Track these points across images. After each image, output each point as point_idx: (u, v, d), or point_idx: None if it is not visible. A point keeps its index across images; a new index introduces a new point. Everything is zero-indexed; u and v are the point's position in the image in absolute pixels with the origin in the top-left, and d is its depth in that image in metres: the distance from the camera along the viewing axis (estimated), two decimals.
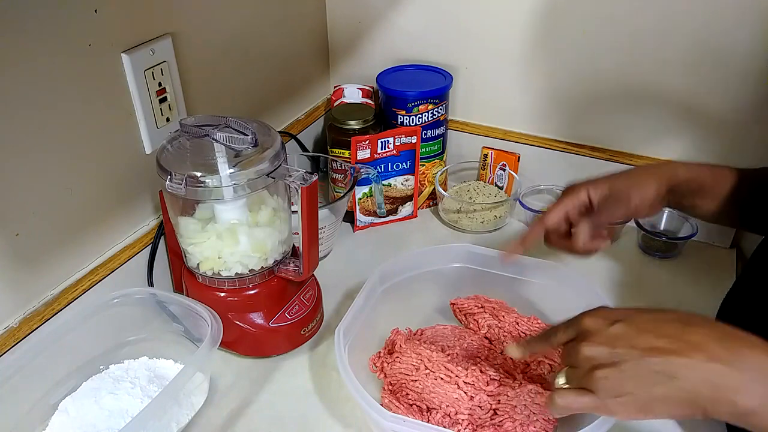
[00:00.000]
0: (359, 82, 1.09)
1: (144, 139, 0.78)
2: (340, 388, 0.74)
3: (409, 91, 0.98)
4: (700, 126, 0.91)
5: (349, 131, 0.98)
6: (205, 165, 0.67)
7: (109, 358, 0.75)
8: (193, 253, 0.74)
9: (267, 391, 0.75)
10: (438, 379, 0.68)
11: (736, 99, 0.87)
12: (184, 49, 0.81)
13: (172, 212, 0.75)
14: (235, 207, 0.71)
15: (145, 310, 0.76)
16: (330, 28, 1.12)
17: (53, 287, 0.72)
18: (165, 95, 0.78)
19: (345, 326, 0.68)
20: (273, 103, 1.03)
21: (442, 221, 1.04)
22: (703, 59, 0.87)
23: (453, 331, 0.78)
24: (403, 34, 1.05)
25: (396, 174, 1.01)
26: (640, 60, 0.90)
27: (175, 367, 0.75)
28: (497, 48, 0.99)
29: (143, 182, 0.80)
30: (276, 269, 0.76)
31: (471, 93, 1.05)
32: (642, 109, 0.94)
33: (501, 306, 0.78)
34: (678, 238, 0.94)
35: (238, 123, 0.68)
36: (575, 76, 0.96)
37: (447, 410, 0.66)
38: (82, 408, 0.68)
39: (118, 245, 0.79)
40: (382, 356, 0.74)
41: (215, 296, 0.75)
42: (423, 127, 1.00)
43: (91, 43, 0.69)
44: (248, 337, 0.76)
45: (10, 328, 0.67)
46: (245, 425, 0.71)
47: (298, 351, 0.79)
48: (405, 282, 0.79)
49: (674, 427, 0.69)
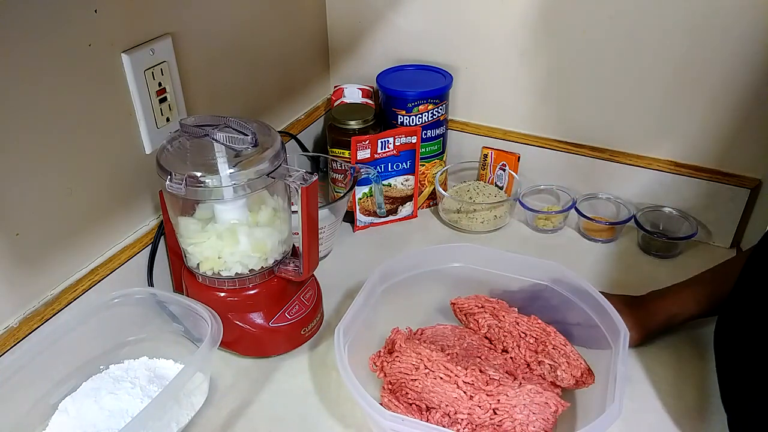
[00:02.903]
0: (359, 82, 1.09)
1: (144, 139, 0.78)
2: (340, 387, 0.74)
3: (409, 91, 0.98)
4: (700, 127, 0.91)
5: (349, 131, 0.98)
6: (205, 165, 0.67)
7: (109, 358, 0.75)
8: (193, 253, 0.74)
9: (267, 391, 0.75)
10: (438, 378, 0.68)
11: (736, 100, 0.87)
12: (184, 49, 0.81)
13: (172, 212, 0.75)
14: (235, 207, 0.71)
15: (145, 310, 0.76)
16: (330, 28, 1.12)
17: (53, 287, 0.72)
18: (165, 95, 0.78)
19: (345, 325, 0.68)
20: (273, 103, 1.03)
21: (442, 221, 1.04)
22: (703, 60, 0.87)
23: (453, 331, 0.78)
24: (403, 34, 1.05)
25: (396, 174, 1.01)
26: (641, 60, 0.90)
27: (175, 367, 0.75)
28: (497, 48, 0.99)
29: (143, 182, 0.80)
30: (276, 269, 0.76)
31: (471, 93, 1.05)
32: (642, 109, 0.94)
33: (501, 306, 0.78)
34: (678, 238, 0.94)
35: (238, 123, 0.68)
36: (575, 76, 0.96)
37: (446, 410, 0.66)
38: (82, 408, 0.68)
39: (118, 245, 0.79)
40: (382, 355, 0.74)
41: (215, 296, 0.75)
42: (423, 127, 1.00)
43: (91, 43, 0.69)
44: (248, 337, 0.76)
45: (10, 328, 0.68)
46: (245, 425, 0.71)
47: (298, 351, 0.79)
48: (405, 282, 0.79)
49: (674, 426, 0.69)
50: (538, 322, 0.75)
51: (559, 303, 0.76)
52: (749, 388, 0.58)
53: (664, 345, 0.79)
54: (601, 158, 0.99)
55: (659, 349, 0.78)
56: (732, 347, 0.62)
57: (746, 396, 0.58)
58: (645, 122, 0.95)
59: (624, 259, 0.95)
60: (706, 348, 0.78)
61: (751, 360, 0.58)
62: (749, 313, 0.60)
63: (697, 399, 0.72)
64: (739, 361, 0.60)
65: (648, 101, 0.93)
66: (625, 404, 0.59)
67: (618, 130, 0.97)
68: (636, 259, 0.95)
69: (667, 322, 0.77)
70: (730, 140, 0.90)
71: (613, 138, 0.98)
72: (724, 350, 0.63)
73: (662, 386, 0.74)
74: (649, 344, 0.78)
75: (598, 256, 0.96)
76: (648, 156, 0.97)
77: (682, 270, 0.88)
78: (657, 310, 0.77)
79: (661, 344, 0.79)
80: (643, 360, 0.77)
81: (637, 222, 0.95)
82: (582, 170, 1.01)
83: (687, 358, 0.77)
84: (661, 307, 0.77)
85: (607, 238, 0.98)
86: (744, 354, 0.59)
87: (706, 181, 0.93)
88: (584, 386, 0.69)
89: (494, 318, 0.77)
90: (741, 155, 0.91)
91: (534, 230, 1.02)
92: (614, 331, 0.68)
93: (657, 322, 0.77)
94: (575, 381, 0.70)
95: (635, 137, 0.96)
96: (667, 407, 0.71)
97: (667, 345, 0.79)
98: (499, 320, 0.77)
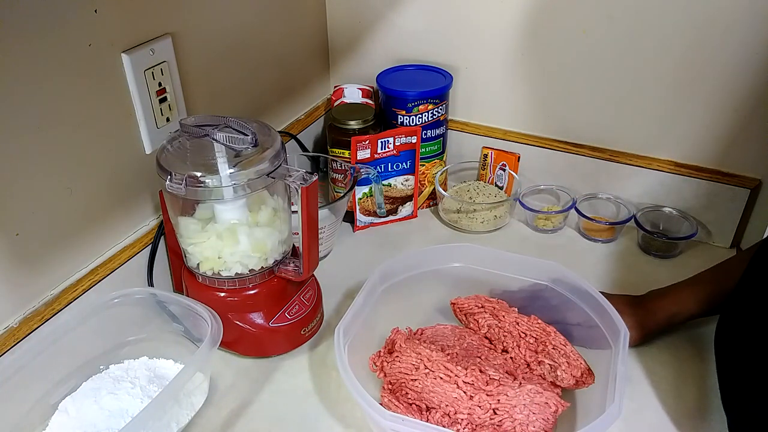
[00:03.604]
0: (359, 82, 1.09)
1: (144, 139, 0.78)
2: (340, 387, 0.74)
3: (409, 91, 0.98)
4: (700, 127, 0.91)
5: (349, 131, 0.98)
6: (205, 165, 0.67)
7: (109, 358, 0.75)
8: (193, 253, 0.74)
9: (267, 391, 0.75)
10: (437, 378, 0.68)
11: (736, 100, 0.87)
12: (184, 49, 0.81)
13: (172, 212, 0.75)
14: (235, 207, 0.71)
15: (145, 310, 0.76)
16: (330, 28, 1.12)
17: (53, 287, 0.72)
18: (165, 95, 0.78)
19: (345, 325, 0.68)
20: (273, 103, 1.03)
21: (442, 221, 1.04)
22: (703, 60, 0.87)
23: (453, 331, 0.78)
24: (403, 34, 1.05)
25: (396, 174, 1.01)
26: (640, 60, 0.90)
27: (175, 367, 0.75)
28: (497, 48, 0.99)
29: (143, 182, 0.80)
30: (276, 269, 0.76)
31: (471, 93, 1.05)
32: (642, 109, 0.94)
33: (501, 306, 0.78)
34: (678, 238, 0.94)
35: (238, 123, 0.68)
36: (575, 76, 0.96)
37: (446, 410, 0.66)
38: (82, 408, 0.68)
39: (118, 245, 0.79)
40: (382, 355, 0.74)
41: (215, 296, 0.75)
42: (423, 127, 1.00)
43: (91, 43, 0.69)
44: (248, 337, 0.76)
45: (10, 328, 0.68)
46: (245, 425, 0.71)
47: (298, 351, 0.79)
48: (405, 281, 0.79)
49: (674, 426, 0.69)
50: (538, 322, 0.75)
51: (559, 303, 0.76)
52: (750, 390, 0.58)
53: (664, 345, 0.79)
54: (601, 158, 0.99)
55: (659, 349, 0.78)
56: (733, 349, 0.62)
57: (747, 398, 0.58)
58: (645, 122, 0.95)
59: (624, 259, 0.95)
60: (706, 348, 0.78)
61: (752, 362, 0.58)
62: (750, 314, 0.60)
63: (697, 399, 0.72)
64: (739, 363, 0.60)
65: (648, 101, 0.93)
66: (625, 404, 0.59)
67: (618, 130, 0.97)
68: (636, 259, 0.95)
69: (668, 321, 0.77)
70: (730, 140, 0.90)
71: (613, 138, 0.98)
72: (725, 351, 0.63)
73: (662, 386, 0.74)
74: (649, 344, 0.78)
75: (598, 256, 0.96)
76: (648, 156, 0.97)
77: (682, 270, 0.88)
78: (657, 309, 0.77)
79: (661, 344, 0.79)
80: (643, 360, 0.77)
81: (637, 222, 0.95)
82: (582, 170, 1.01)
83: (687, 358, 0.77)
84: (661, 307, 0.77)
85: (607, 238, 0.98)
86: (745, 355, 0.59)
87: (706, 181, 0.93)
88: (584, 386, 0.69)
89: (494, 318, 0.77)
90: (741, 155, 0.91)
91: (534, 230, 1.02)
92: (614, 331, 0.68)
93: (657, 322, 0.77)
94: (575, 381, 0.70)
95: (635, 137, 0.96)
96: (667, 407, 0.71)
97: (667, 345, 0.79)
98: (499, 320, 0.77)
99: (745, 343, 0.59)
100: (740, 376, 0.60)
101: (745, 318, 0.61)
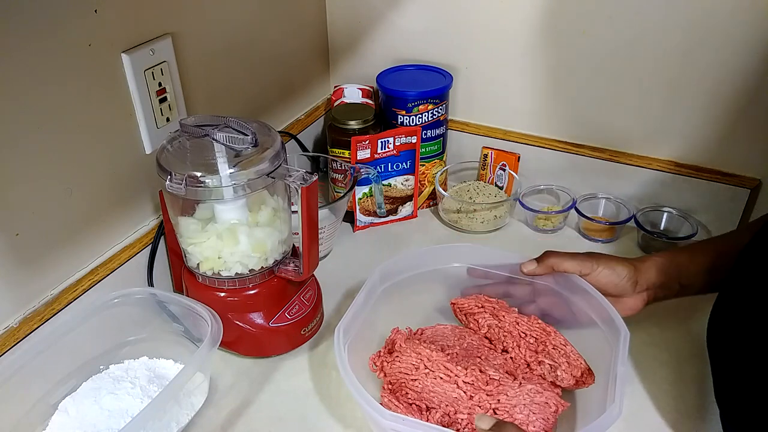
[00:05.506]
0: (359, 82, 1.09)
1: (144, 139, 0.78)
2: (340, 387, 0.74)
3: (409, 91, 0.98)
4: (700, 126, 0.91)
5: (349, 131, 0.98)
6: (205, 165, 0.67)
7: (109, 358, 0.75)
8: (193, 253, 0.74)
9: (267, 391, 0.75)
10: (437, 378, 0.68)
11: (736, 100, 0.87)
12: (184, 49, 0.81)
13: (172, 212, 0.75)
14: (235, 207, 0.71)
15: (145, 310, 0.76)
16: (330, 28, 1.12)
17: (53, 287, 0.72)
18: (165, 95, 0.78)
19: (345, 325, 0.68)
20: (273, 103, 1.03)
21: (442, 221, 1.04)
22: (703, 60, 0.87)
23: (453, 331, 0.78)
24: (403, 34, 1.06)
25: (396, 174, 1.01)
26: (640, 60, 0.90)
27: (175, 367, 0.75)
28: (497, 48, 0.99)
29: (143, 182, 0.80)
30: (276, 269, 0.76)
31: (471, 93, 1.06)
32: (642, 109, 0.94)
33: (501, 306, 0.78)
34: (678, 238, 0.94)
35: (238, 123, 0.68)
36: (575, 76, 0.96)
37: (446, 409, 0.66)
38: (82, 408, 0.68)
39: (118, 245, 0.79)
40: (382, 355, 0.74)
41: (215, 296, 0.75)
42: (423, 127, 1.00)
43: (91, 43, 0.69)
44: (248, 337, 0.76)
45: (10, 328, 0.68)
46: (245, 425, 0.71)
47: (298, 351, 0.79)
48: (405, 281, 0.79)
49: (674, 426, 0.69)
50: (538, 322, 0.75)
51: (559, 303, 0.76)
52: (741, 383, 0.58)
53: (664, 345, 0.79)
54: (601, 158, 0.99)
55: (659, 349, 0.78)
56: (725, 342, 0.62)
57: (738, 391, 0.58)
58: (645, 122, 0.95)
59: None
60: (706, 348, 0.78)
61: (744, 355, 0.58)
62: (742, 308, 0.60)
63: (697, 399, 0.72)
64: (731, 357, 0.60)
65: (648, 101, 0.93)
66: (625, 404, 0.59)
67: (618, 130, 0.97)
68: None
69: (678, 277, 0.73)
70: (730, 140, 0.90)
71: (613, 138, 0.98)
72: (717, 346, 0.63)
73: (662, 386, 0.74)
74: (649, 344, 0.78)
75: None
76: (648, 156, 0.97)
77: None
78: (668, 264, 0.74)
79: (661, 344, 0.79)
80: (643, 360, 0.77)
81: (637, 222, 0.95)
82: (582, 170, 1.01)
83: (687, 358, 0.77)
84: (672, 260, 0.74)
85: (607, 238, 0.98)
86: (737, 349, 0.59)
87: (706, 181, 0.93)
88: (584, 386, 0.69)
89: (494, 318, 0.77)
90: (741, 155, 0.91)
91: (534, 230, 1.02)
92: (614, 331, 0.68)
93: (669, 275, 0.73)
94: (575, 381, 0.70)
95: (635, 137, 0.96)
96: (667, 407, 0.71)
97: (667, 345, 0.79)
98: (499, 320, 0.77)
99: (737, 336, 0.59)
100: (732, 368, 0.60)
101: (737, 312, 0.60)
